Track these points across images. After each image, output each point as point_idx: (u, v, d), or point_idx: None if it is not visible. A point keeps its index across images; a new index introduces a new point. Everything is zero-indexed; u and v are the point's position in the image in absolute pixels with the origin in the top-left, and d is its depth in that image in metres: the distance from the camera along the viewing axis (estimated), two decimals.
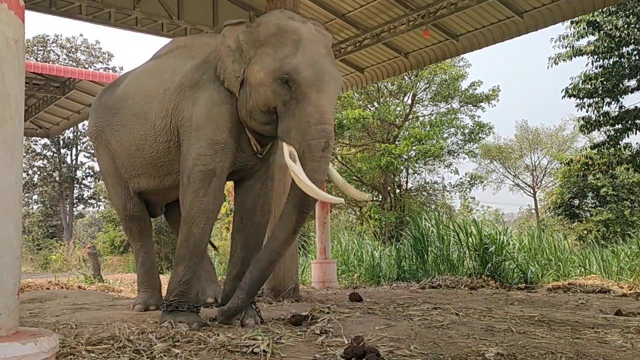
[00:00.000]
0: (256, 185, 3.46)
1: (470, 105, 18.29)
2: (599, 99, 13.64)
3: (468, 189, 19.51)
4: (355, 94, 17.18)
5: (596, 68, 13.64)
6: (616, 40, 13.08)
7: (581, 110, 14.00)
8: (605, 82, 13.34)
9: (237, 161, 3.29)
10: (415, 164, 17.97)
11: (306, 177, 2.79)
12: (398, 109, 18.12)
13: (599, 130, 14.29)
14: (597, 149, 14.18)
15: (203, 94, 3.26)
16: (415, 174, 18.87)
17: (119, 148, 3.82)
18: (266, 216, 3.51)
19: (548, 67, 15.63)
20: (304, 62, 2.89)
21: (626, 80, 13.49)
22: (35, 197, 28.30)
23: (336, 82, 2.98)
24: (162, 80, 3.53)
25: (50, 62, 24.37)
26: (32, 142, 25.84)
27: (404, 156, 16.92)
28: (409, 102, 18.49)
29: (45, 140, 26.03)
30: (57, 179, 26.87)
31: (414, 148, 16.91)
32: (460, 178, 19.57)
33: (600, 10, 12.14)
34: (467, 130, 18.43)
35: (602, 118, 13.64)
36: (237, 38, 3.14)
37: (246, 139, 3.26)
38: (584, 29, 13.35)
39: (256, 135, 3.23)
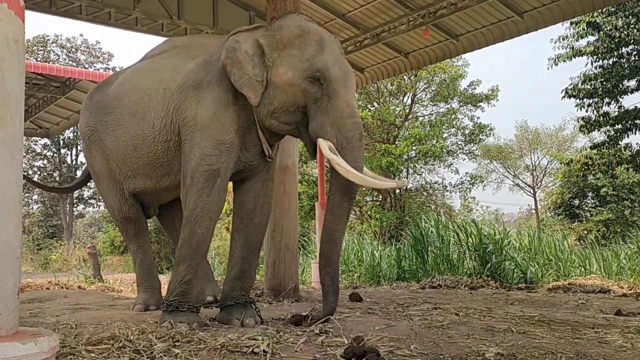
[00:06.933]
0: (257, 185, 3.47)
1: (470, 105, 18.28)
2: (599, 99, 13.65)
3: (468, 189, 19.50)
4: (355, 94, 17.15)
5: (596, 68, 13.66)
6: (616, 40, 13.09)
7: (581, 110, 14.03)
8: (605, 83, 13.35)
9: (241, 161, 3.33)
10: (416, 164, 17.96)
11: (351, 167, 2.93)
12: (398, 109, 18.12)
13: (599, 130, 14.29)
14: (597, 149, 14.19)
15: (209, 94, 3.25)
16: (415, 174, 18.87)
17: (115, 148, 3.75)
18: (266, 216, 3.53)
19: (548, 68, 15.66)
20: (331, 60, 3.08)
21: (626, 80, 13.50)
22: (35, 197, 28.31)
23: (354, 80, 3.22)
24: (162, 79, 3.49)
25: (50, 62, 24.35)
26: (32, 142, 25.83)
27: (404, 156, 16.91)
28: (409, 102, 18.49)
29: (45, 140, 26.03)
30: (57, 179, 26.86)
31: (414, 148, 16.90)
32: (461, 178, 19.57)
33: (600, 10, 12.15)
34: (467, 131, 18.43)
35: (602, 118, 13.65)
36: (256, 42, 3.18)
37: (252, 139, 3.30)
38: (583, 29, 13.36)
39: (268, 136, 3.30)
